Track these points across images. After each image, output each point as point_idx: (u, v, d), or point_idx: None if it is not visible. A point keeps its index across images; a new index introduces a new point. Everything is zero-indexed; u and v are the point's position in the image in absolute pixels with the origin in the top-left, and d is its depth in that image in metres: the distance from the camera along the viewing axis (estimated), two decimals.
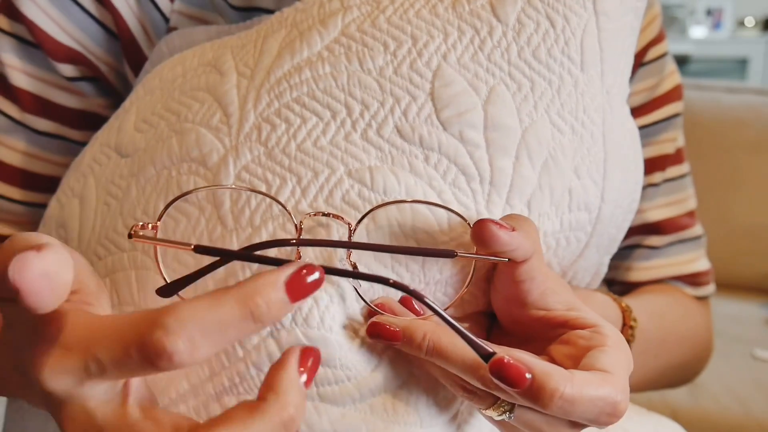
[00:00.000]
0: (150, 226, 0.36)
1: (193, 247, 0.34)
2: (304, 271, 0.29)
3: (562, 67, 0.41)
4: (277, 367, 0.32)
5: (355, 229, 0.37)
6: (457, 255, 0.36)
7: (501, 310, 0.40)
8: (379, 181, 0.38)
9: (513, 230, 0.36)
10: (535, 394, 0.32)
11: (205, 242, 0.40)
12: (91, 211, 0.45)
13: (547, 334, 0.38)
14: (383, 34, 0.41)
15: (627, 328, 0.51)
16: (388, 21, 0.41)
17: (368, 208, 0.38)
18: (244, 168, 0.40)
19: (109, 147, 0.46)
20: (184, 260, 0.39)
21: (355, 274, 0.35)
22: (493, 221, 0.36)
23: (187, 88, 0.44)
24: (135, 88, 0.49)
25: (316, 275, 0.30)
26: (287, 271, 0.29)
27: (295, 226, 0.37)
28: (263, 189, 0.39)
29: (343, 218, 0.37)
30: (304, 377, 0.32)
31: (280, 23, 0.44)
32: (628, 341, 0.50)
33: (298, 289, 0.29)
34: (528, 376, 0.32)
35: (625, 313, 0.51)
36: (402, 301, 0.39)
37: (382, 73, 0.40)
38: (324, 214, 0.37)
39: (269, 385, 0.31)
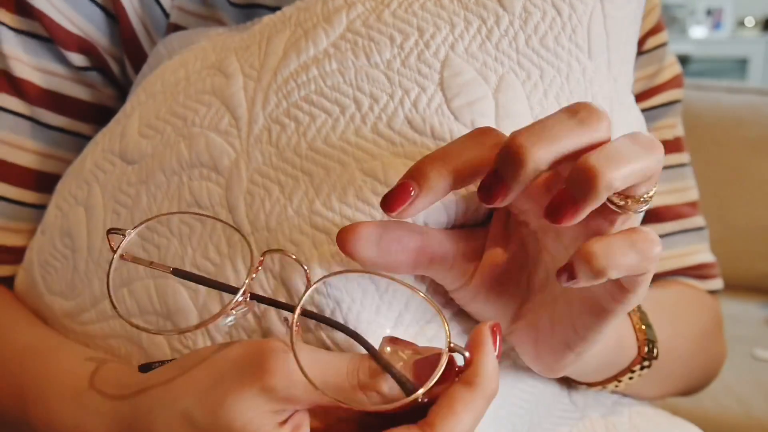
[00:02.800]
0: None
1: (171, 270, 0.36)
2: None
3: (570, 55, 0.41)
4: (477, 349, 0.33)
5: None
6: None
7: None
8: (392, 175, 0.38)
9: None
10: None
11: (224, 248, 0.39)
12: (99, 221, 0.45)
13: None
14: (389, 28, 0.41)
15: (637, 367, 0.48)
16: (393, 15, 0.41)
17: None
18: (256, 171, 0.39)
19: (112, 153, 0.46)
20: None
21: None
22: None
23: (192, 91, 0.44)
24: (135, 92, 0.49)
25: None
26: None
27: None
28: (276, 191, 0.39)
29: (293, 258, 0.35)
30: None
31: (284, 23, 0.44)
32: (631, 379, 0.48)
33: None
34: None
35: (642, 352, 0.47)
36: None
37: (390, 66, 0.40)
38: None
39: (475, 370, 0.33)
